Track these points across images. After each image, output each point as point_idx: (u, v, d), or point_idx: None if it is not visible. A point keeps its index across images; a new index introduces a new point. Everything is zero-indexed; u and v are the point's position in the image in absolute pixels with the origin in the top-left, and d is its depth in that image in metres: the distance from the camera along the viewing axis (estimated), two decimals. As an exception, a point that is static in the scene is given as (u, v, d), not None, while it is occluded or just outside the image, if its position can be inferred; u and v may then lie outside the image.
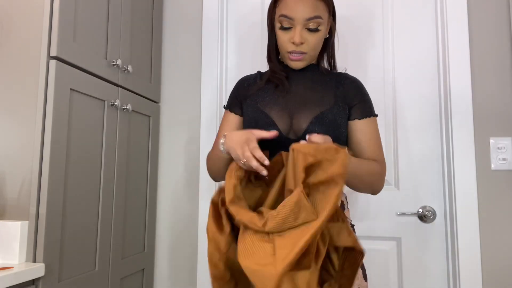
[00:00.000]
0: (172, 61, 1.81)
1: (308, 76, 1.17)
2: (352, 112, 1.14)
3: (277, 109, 1.11)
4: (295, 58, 1.11)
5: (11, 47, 1.13)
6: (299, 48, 1.09)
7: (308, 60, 1.13)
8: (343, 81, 1.17)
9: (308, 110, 1.10)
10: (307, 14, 1.05)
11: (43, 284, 1.05)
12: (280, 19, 1.09)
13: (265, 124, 1.10)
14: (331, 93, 1.14)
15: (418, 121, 1.57)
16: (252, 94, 1.17)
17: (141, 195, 1.59)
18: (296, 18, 1.06)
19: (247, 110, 1.16)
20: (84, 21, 1.25)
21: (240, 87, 1.22)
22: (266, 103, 1.14)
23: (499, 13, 1.51)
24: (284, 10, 1.07)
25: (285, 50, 1.11)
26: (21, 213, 1.07)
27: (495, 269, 1.42)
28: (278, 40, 1.12)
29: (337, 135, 1.09)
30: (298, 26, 1.07)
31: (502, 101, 1.47)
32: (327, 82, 1.17)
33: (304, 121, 1.08)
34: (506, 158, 1.44)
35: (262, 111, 1.12)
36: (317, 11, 1.06)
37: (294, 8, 1.06)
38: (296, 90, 1.15)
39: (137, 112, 1.57)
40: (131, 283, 1.50)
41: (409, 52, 1.60)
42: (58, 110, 1.12)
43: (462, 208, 1.44)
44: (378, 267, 1.54)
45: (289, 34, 1.09)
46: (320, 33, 1.10)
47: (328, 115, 1.09)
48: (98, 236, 1.30)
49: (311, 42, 1.09)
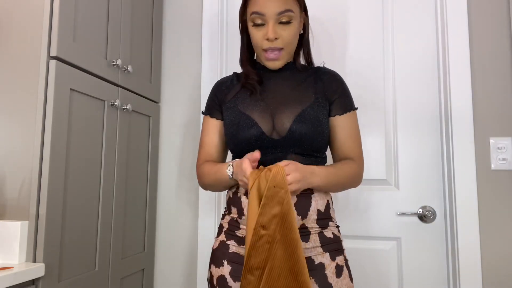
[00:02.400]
0: (172, 61, 1.81)
1: (286, 75, 1.18)
2: (332, 107, 1.14)
3: (258, 110, 1.12)
4: (271, 56, 1.11)
5: (11, 47, 1.13)
6: (274, 44, 1.10)
7: (285, 58, 1.13)
8: (322, 76, 1.17)
9: (289, 109, 1.10)
10: (277, 8, 1.07)
11: (43, 284, 1.05)
12: (252, 17, 1.10)
13: (246, 125, 1.10)
14: (310, 89, 1.15)
15: (418, 121, 1.57)
16: (231, 97, 1.18)
17: (141, 195, 1.59)
18: (267, 13, 1.08)
19: (227, 114, 1.16)
20: (84, 21, 1.25)
21: (217, 91, 1.22)
22: (246, 105, 1.14)
23: (499, 13, 1.51)
24: (255, 7, 1.09)
25: (261, 48, 1.11)
26: (21, 213, 1.07)
27: (495, 269, 1.42)
28: (253, 39, 1.13)
29: (320, 131, 1.09)
30: (270, 22, 1.08)
31: (502, 101, 1.48)
32: (306, 78, 1.17)
33: (286, 121, 1.09)
34: (506, 158, 1.44)
35: (244, 113, 1.12)
36: (287, 5, 1.08)
37: (264, 4, 1.08)
38: (276, 90, 1.15)
39: (137, 112, 1.57)
40: (131, 283, 1.50)
41: (409, 52, 1.60)
42: (58, 110, 1.12)
43: (462, 208, 1.44)
44: (378, 267, 1.54)
45: (263, 31, 1.10)
46: (293, 26, 1.10)
47: (310, 112, 1.10)
48: (98, 236, 1.30)
49: (285, 36, 1.10)
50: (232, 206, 1.13)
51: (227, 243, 1.11)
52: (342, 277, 1.06)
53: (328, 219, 1.10)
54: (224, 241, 1.12)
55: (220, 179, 1.10)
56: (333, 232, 1.10)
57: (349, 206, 1.58)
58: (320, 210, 1.08)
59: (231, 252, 1.09)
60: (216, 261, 1.11)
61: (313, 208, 1.07)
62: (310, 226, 1.07)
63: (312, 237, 1.06)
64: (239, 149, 1.12)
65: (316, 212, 1.08)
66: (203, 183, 1.18)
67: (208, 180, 1.14)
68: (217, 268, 1.10)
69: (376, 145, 1.59)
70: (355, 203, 1.58)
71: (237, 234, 1.10)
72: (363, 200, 1.57)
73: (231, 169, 1.07)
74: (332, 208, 1.14)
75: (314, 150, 1.10)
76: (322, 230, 1.08)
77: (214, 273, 1.10)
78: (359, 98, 1.62)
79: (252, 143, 1.09)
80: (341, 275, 1.06)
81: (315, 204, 1.08)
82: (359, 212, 1.57)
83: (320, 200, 1.09)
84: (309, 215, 1.06)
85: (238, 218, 1.11)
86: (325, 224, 1.09)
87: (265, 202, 0.93)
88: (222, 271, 1.08)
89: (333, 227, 1.11)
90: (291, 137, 1.08)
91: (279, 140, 1.08)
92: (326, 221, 1.10)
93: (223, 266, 1.09)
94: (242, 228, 1.10)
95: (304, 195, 1.07)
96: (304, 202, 1.07)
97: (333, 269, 1.05)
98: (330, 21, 1.68)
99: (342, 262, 1.08)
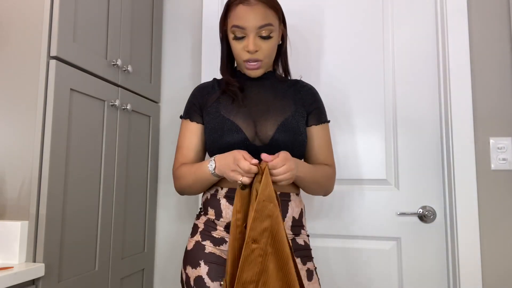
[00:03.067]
0: (172, 61, 1.81)
1: (267, 84, 1.21)
2: (309, 118, 1.20)
3: (241, 117, 1.13)
4: (251, 66, 1.14)
5: (11, 47, 1.13)
6: (254, 56, 1.12)
7: (264, 67, 1.17)
8: (301, 89, 1.23)
9: (272, 117, 1.13)
10: (258, 22, 1.09)
11: (43, 284, 1.05)
12: (233, 29, 1.12)
13: (230, 130, 1.11)
14: (290, 100, 1.19)
15: (418, 121, 1.57)
16: (212, 102, 1.19)
17: (141, 195, 1.59)
18: (248, 27, 1.10)
19: (209, 118, 1.17)
20: (84, 21, 1.25)
21: (198, 96, 1.23)
22: (229, 110, 1.15)
23: (499, 13, 1.51)
24: (236, 21, 1.11)
25: (241, 59, 1.14)
26: (21, 213, 1.07)
27: (495, 269, 1.42)
28: (233, 50, 1.15)
29: (300, 140, 1.14)
30: (251, 35, 1.11)
31: (502, 101, 1.47)
32: (286, 89, 1.22)
33: (270, 129, 1.11)
34: (506, 158, 1.44)
35: (227, 118, 1.13)
36: (267, 19, 1.11)
37: (245, 17, 1.09)
38: (258, 98, 1.18)
39: (137, 112, 1.57)
40: (131, 283, 1.50)
41: (409, 51, 1.60)
42: (58, 110, 1.12)
43: (462, 208, 1.44)
44: (378, 267, 1.54)
45: (243, 43, 1.12)
46: (273, 40, 1.14)
47: (292, 122, 1.14)
48: (98, 236, 1.30)
49: (265, 49, 1.13)
50: (209, 208, 1.14)
51: (203, 244, 1.11)
52: (313, 281, 1.11)
53: (300, 227, 1.15)
54: (200, 242, 1.12)
55: (201, 178, 1.10)
56: (304, 240, 1.15)
57: (349, 206, 1.58)
58: (294, 218, 1.13)
59: (207, 253, 1.10)
60: (192, 262, 1.10)
61: (289, 215, 1.11)
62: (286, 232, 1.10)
63: None
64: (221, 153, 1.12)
65: (291, 219, 1.12)
66: (180, 185, 1.17)
67: (187, 181, 1.14)
68: (193, 269, 1.09)
69: (376, 145, 1.59)
70: (355, 203, 1.58)
71: (213, 234, 1.11)
72: (363, 200, 1.57)
73: (213, 163, 1.06)
74: (304, 216, 1.18)
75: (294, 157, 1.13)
76: (295, 237, 1.13)
77: (190, 274, 1.10)
78: (360, 97, 1.62)
79: (235, 148, 1.10)
80: (312, 279, 1.11)
81: (291, 211, 1.12)
82: (359, 212, 1.57)
83: (296, 207, 1.13)
84: (285, 221, 1.10)
85: (216, 219, 1.12)
86: (298, 231, 1.14)
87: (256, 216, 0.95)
88: (199, 271, 1.08)
89: (304, 235, 1.16)
90: (273, 145, 1.10)
91: (261, 147, 1.11)
92: (299, 229, 1.14)
93: (200, 266, 1.09)
94: (218, 229, 1.11)
95: (282, 202, 1.11)
96: (282, 208, 1.10)
97: (305, 273, 1.10)
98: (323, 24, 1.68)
99: (312, 267, 1.13)
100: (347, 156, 1.61)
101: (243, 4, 1.10)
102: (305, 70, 1.68)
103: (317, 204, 1.61)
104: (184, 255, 1.15)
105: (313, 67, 1.68)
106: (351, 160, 1.60)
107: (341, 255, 1.57)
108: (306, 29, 1.70)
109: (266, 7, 1.10)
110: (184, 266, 1.13)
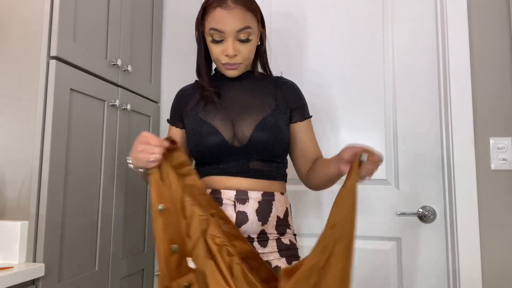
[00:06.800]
0: (172, 61, 1.81)
1: (245, 83, 1.19)
2: (293, 115, 1.19)
3: (219, 118, 1.12)
4: (230, 67, 1.12)
5: (11, 47, 1.13)
6: (233, 60, 1.10)
7: (243, 69, 1.15)
8: (282, 85, 1.21)
9: (249, 116, 1.12)
10: (236, 26, 1.07)
11: (43, 284, 1.05)
12: (211, 32, 1.09)
13: (208, 133, 1.10)
14: (271, 97, 1.17)
15: (418, 121, 1.57)
16: (192, 106, 1.18)
17: (141, 195, 1.59)
18: (226, 30, 1.07)
19: (188, 122, 1.17)
20: (84, 21, 1.25)
21: (178, 100, 1.24)
22: (207, 112, 1.14)
23: (499, 12, 1.51)
24: (214, 24, 1.08)
25: (220, 62, 1.13)
26: (21, 213, 1.06)
27: (495, 269, 1.42)
28: (211, 53, 1.13)
29: (280, 138, 1.12)
30: (229, 39, 1.08)
31: (502, 101, 1.47)
32: (265, 86, 1.20)
33: (247, 129, 1.10)
34: (506, 158, 1.44)
35: (205, 121, 1.12)
36: (246, 21, 1.08)
37: (223, 21, 1.07)
38: (236, 98, 1.16)
39: (137, 112, 1.57)
40: (131, 283, 1.50)
41: (409, 52, 1.60)
42: (58, 110, 1.12)
43: (462, 208, 1.44)
44: (378, 267, 1.54)
45: (222, 47, 1.10)
46: (252, 42, 1.12)
47: (270, 120, 1.12)
48: (98, 236, 1.30)
49: (244, 53, 1.11)
50: None
51: None
52: None
53: (285, 226, 1.13)
54: None
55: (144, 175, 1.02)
56: (290, 239, 1.14)
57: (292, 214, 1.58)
58: (279, 217, 1.11)
59: None
60: None
61: (273, 214, 1.10)
62: (269, 232, 1.09)
63: (270, 243, 1.09)
64: (201, 156, 1.13)
65: (275, 219, 1.10)
66: None
67: None
68: None
69: (376, 146, 1.59)
70: (355, 203, 1.58)
71: None
72: (363, 200, 1.57)
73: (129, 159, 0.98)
74: (290, 215, 1.17)
75: (275, 156, 1.13)
76: (280, 236, 1.11)
77: None
78: (360, 97, 1.62)
79: (214, 150, 1.10)
80: None
81: (275, 210, 1.10)
82: (359, 212, 1.57)
83: (280, 207, 1.12)
84: (269, 221, 1.09)
85: None
86: (283, 230, 1.12)
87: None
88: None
89: (290, 235, 1.15)
90: (252, 145, 1.09)
91: (240, 147, 1.09)
92: (284, 228, 1.13)
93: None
94: None
95: (266, 200, 1.09)
96: (266, 207, 1.09)
97: None
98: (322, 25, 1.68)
99: None
100: (347, 156, 1.61)
101: (221, 7, 1.07)
102: (305, 70, 1.68)
103: (317, 204, 1.61)
104: None
105: (313, 68, 1.68)
106: (351, 160, 1.60)
107: (341, 255, 1.57)
108: (303, 30, 1.70)
109: (245, 10, 1.08)
110: None
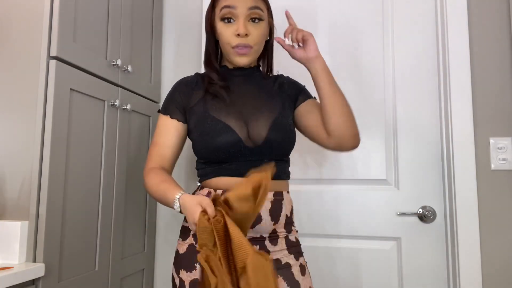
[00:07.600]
0: (172, 61, 1.81)
1: (252, 81, 1.19)
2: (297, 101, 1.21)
3: (232, 117, 1.10)
4: (241, 51, 1.10)
5: (11, 47, 1.13)
6: (244, 41, 1.09)
7: (253, 56, 1.13)
8: (283, 84, 1.23)
9: (263, 116, 1.11)
10: (249, 2, 1.09)
11: (43, 284, 1.05)
12: (223, 12, 1.10)
13: (223, 132, 1.07)
14: (277, 97, 1.18)
15: (418, 121, 1.57)
16: (197, 101, 1.15)
17: (141, 195, 1.59)
18: (238, 6, 1.08)
19: (196, 118, 1.12)
20: (84, 21, 1.25)
21: (180, 92, 1.18)
22: (217, 109, 1.11)
23: (499, 13, 1.51)
24: (226, 1, 1.10)
25: (230, 45, 1.11)
26: (21, 213, 1.07)
27: (495, 269, 1.42)
28: (222, 37, 1.12)
29: (292, 138, 1.14)
30: (241, 18, 1.09)
31: (502, 101, 1.47)
32: (271, 86, 1.20)
33: (262, 129, 1.09)
34: (506, 158, 1.44)
35: (217, 119, 1.09)
36: (258, 2, 1.11)
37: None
38: (246, 95, 1.15)
39: (137, 112, 1.57)
40: (131, 283, 1.50)
41: (409, 52, 1.60)
42: (58, 110, 1.12)
43: (462, 208, 1.44)
44: (378, 267, 1.54)
45: (233, 27, 1.10)
46: (263, 25, 1.12)
47: (282, 120, 1.13)
48: (98, 236, 1.30)
49: (255, 35, 1.11)
50: None
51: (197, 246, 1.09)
52: (306, 276, 1.12)
53: (291, 224, 1.15)
54: (193, 244, 1.08)
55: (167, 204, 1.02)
56: (295, 236, 1.16)
57: (349, 205, 1.58)
58: (287, 215, 1.13)
59: None
60: (186, 266, 1.07)
61: (283, 213, 1.11)
62: (279, 230, 1.11)
63: (280, 241, 1.11)
64: (212, 156, 1.09)
65: (284, 218, 1.12)
66: (147, 190, 1.10)
67: (154, 195, 1.07)
68: (188, 273, 1.06)
69: (376, 145, 1.59)
70: (355, 203, 1.58)
71: None
72: (363, 200, 1.57)
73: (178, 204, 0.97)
74: (293, 213, 1.19)
75: (284, 155, 1.14)
76: (287, 234, 1.13)
77: (185, 278, 1.06)
78: (360, 97, 1.62)
79: (228, 151, 1.07)
80: (305, 274, 1.12)
81: (285, 209, 1.11)
82: (359, 212, 1.57)
83: (288, 205, 1.13)
84: (280, 220, 1.10)
85: None
86: (289, 229, 1.14)
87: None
88: (195, 275, 1.05)
89: (295, 232, 1.17)
90: (266, 145, 1.08)
91: (254, 148, 1.08)
92: (290, 226, 1.15)
93: (195, 269, 1.05)
94: None
95: (277, 200, 1.10)
96: (277, 207, 1.09)
97: (298, 268, 1.11)
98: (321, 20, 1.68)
99: (304, 263, 1.14)
100: (347, 156, 1.61)
101: None
102: (305, 69, 1.68)
103: (317, 204, 1.61)
104: (174, 259, 1.11)
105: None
106: (351, 160, 1.60)
107: (341, 255, 1.57)
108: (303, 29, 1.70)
109: None
110: (177, 270, 1.08)
